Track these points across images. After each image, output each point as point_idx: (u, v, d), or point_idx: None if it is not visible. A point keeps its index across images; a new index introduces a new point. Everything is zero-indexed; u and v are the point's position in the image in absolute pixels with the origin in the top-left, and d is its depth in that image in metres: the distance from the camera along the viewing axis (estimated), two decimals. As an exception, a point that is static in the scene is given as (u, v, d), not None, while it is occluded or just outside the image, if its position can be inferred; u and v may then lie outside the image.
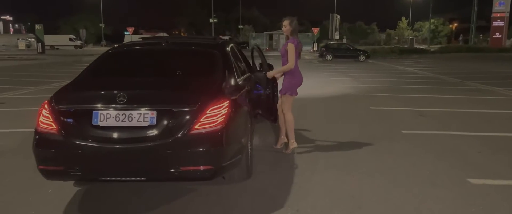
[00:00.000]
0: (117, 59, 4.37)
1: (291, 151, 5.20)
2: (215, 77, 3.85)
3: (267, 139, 5.92)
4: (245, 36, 70.39)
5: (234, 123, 3.56)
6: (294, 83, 5.17)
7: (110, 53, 4.39)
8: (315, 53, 37.60)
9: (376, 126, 6.97)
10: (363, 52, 30.63)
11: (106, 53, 4.41)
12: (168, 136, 3.24)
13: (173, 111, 3.27)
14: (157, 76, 3.94)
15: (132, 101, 3.30)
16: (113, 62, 4.30)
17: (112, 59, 4.33)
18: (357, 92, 11.55)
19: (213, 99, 3.38)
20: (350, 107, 9.07)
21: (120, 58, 4.40)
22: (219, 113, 3.36)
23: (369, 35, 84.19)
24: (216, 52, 4.24)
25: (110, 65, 4.24)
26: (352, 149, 5.43)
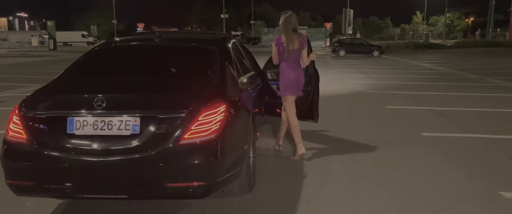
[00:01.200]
0: (103, 57, 3.92)
1: (299, 158, 4.73)
2: (212, 77, 3.39)
3: (272, 142, 5.45)
4: (257, 31, 69.79)
5: (232, 130, 3.11)
6: (286, 84, 4.71)
7: (96, 50, 3.95)
8: (328, 48, 36.91)
9: (393, 127, 6.44)
10: (377, 48, 29.85)
11: (92, 50, 3.97)
12: (153, 147, 2.79)
13: (159, 117, 2.82)
14: (145, 76, 3.48)
15: (111, 107, 2.86)
16: (97, 60, 3.86)
17: (97, 57, 3.89)
18: (371, 89, 11.00)
19: (207, 103, 2.92)
20: (364, 106, 8.54)
21: (106, 56, 3.95)
22: (214, 119, 2.90)
23: (383, 30, 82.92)
24: (214, 49, 3.77)
25: (94, 64, 3.80)
26: (368, 156, 4.92)
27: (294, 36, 4.59)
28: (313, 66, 5.18)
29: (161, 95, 3.03)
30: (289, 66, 4.68)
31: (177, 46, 4.02)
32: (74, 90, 3.23)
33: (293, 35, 4.59)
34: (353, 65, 20.16)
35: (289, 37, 4.57)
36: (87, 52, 3.92)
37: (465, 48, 37.49)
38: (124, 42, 4.18)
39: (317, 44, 51.21)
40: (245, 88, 3.93)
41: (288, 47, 4.58)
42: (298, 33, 4.67)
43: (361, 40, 33.24)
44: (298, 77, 4.70)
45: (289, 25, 4.60)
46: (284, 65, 4.69)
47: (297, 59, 4.70)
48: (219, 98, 3.05)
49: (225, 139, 2.97)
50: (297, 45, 4.60)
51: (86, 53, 3.89)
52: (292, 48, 4.59)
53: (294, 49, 4.60)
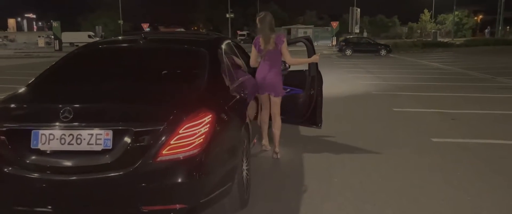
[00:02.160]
0: (80, 61, 3.57)
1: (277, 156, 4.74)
2: (199, 83, 3.04)
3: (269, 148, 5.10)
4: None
5: (220, 143, 2.77)
6: (258, 83, 4.60)
7: (75, 54, 3.62)
8: (334, 47, 36.42)
9: (401, 132, 6.06)
10: (384, 47, 29.33)
11: (71, 53, 3.64)
12: (127, 164, 2.46)
13: (134, 130, 2.48)
14: (123, 83, 3.14)
15: (79, 118, 2.52)
16: (74, 65, 3.52)
17: (74, 62, 3.54)
18: (378, 90, 10.59)
19: (189, 113, 2.58)
20: (370, 108, 8.15)
21: (85, 60, 3.60)
22: (197, 131, 2.56)
23: (390, 28, 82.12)
24: (203, 51, 3.43)
25: (69, 69, 3.46)
26: (374, 165, 4.55)
27: (270, 36, 4.46)
28: (316, 68, 4.84)
29: (137, 105, 2.68)
30: (263, 66, 4.58)
31: (162, 48, 3.67)
32: (42, 100, 2.89)
33: (269, 35, 4.46)
34: (359, 65, 19.73)
35: (265, 37, 4.48)
36: (65, 56, 3.58)
37: (475, 47, 36.83)
38: (106, 44, 3.84)
39: (323, 43, 50.77)
40: (239, 94, 3.58)
41: (265, 47, 4.49)
42: (275, 33, 4.52)
43: (368, 39, 32.74)
44: (266, 77, 4.54)
45: (265, 25, 4.50)
46: (261, 64, 4.60)
47: (273, 59, 4.55)
48: (205, 107, 2.70)
49: (211, 153, 2.63)
50: (273, 45, 4.46)
51: (63, 57, 3.56)
52: (268, 48, 4.49)
53: (271, 49, 4.48)
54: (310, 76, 4.84)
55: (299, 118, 5.03)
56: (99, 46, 3.81)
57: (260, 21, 4.53)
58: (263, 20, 4.51)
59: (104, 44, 3.83)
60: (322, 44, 50.64)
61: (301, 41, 5.03)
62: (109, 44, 3.84)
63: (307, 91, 4.86)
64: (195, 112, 2.61)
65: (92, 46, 3.78)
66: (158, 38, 4.07)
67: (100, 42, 3.93)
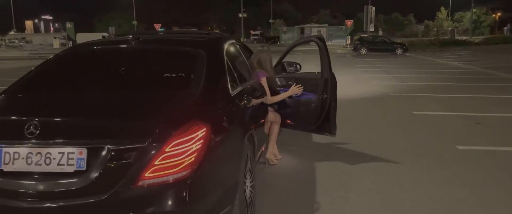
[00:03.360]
0: (62, 66, 3.19)
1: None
2: (193, 90, 2.64)
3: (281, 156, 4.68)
4: (276, 30, 68.85)
5: (217, 161, 2.38)
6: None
7: (59, 57, 3.25)
8: (349, 47, 35.75)
9: (422, 139, 5.57)
10: (400, 45, 28.61)
11: (55, 56, 3.27)
12: (104, 189, 2.07)
13: (111, 149, 2.09)
14: (105, 91, 2.75)
15: (48, 134, 2.15)
16: (54, 70, 3.13)
17: (55, 67, 3.17)
18: (395, 91, 10.08)
19: (178, 127, 2.18)
20: (388, 111, 7.67)
21: (67, 64, 3.22)
22: (188, 148, 2.16)
23: (406, 27, 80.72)
24: (201, 53, 3.02)
25: (48, 75, 3.07)
26: (395, 177, 4.10)
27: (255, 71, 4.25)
28: (329, 69, 4.41)
29: (116, 118, 2.29)
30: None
31: (155, 50, 3.27)
32: (6, 112, 2.52)
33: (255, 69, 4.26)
34: (375, 65, 19.14)
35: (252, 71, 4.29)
36: (47, 60, 3.22)
37: (494, 45, 35.81)
38: (94, 46, 3.46)
39: (338, 42, 50.09)
40: (243, 100, 3.18)
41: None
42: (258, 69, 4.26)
43: (384, 38, 32.04)
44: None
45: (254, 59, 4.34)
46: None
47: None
48: (199, 120, 2.30)
49: (205, 174, 2.23)
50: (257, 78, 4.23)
51: (45, 61, 3.20)
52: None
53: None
54: (323, 79, 4.40)
55: (311, 124, 4.60)
56: (85, 49, 3.43)
57: (253, 55, 4.45)
58: (255, 55, 4.41)
59: (91, 46, 3.46)
60: (336, 43, 49.96)
61: (313, 41, 4.60)
62: (97, 46, 3.46)
63: (320, 96, 4.43)
64: (185, 125, 2.21)
65: (78, 49, 3.41)
66: (151, 38, 3.66)
67: (88, 44, 3.55)
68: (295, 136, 5.36)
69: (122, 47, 3.34)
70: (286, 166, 4.47)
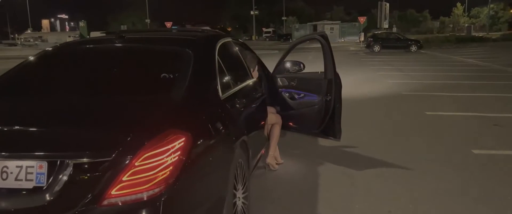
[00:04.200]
0: (35, 68, 2.95)
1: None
2: (175, 93, 2.39)
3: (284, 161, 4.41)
4: (289, 28, 68.37)
5: (199, 174, 2.13)
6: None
7: (36, 57, 3.01)
8: (362, 44, 35.19)
9: (436, 142, 5.24)
10: (414, 42, 28.00)
11: (36, 56, 3.04)
12: (64, 209, 1.83)
13: (73, 163, 1.85)
14: (75, 96, 2.49)
15: (4, 146, 1.91)
16: (25, 73, 2.88)
17: (28, 69, 2.92)
18: (408, 91, 9.70)
19: (150, 138, 1.92)
20: (399, 111, 7.32)
21: (41, 66, 2.97)
22: (162, 162, 1.91)
23: (421, 23, 79.55)
24: (187, 53, 2.76)
25: (17, 78, 2.82)
26: (405, 185, 3.79)
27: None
28: (333, 69, 4.12)
29: (82, 128, 2.04)
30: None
31: (138, 50, 3.00)
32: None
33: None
34: (388, 62, 18.69)
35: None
36: (23, 61, 2.98)
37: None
38: (74, 46, 3.22)
39: (351, 39, 49.48)
40: (235, 104, 2.92)
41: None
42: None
43: (398, 34, 31.41)
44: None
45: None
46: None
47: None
48: (177, 128, 2.04)
49: (183, 190, 1.97)
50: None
51: (22, 62, 2.96)
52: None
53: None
54: (326, 80, 4.12)
55: (314, 128, 4.32)
56: (64, 49, 3.19)
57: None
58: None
59: (71, 46, 3.22)
60: (349, 40, 49.42)
61: (315, 39, 4.31)
62: (77, 46, 3.23)
63: (323, 98, 4.14)
64: (160, 135, 1.95)
65: (56, 49, 3.16)
66: (137, 37, 3.40)
67: (69, 43, 3.32)
68: (299, 139, 5.08)
69: (103, 47, 3.10)
70: (287, 172, 4.20)
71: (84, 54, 3.05)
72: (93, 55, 3.01)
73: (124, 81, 2.63)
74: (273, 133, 4.14)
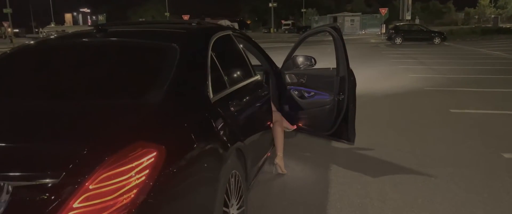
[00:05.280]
0: (6, 67, 2.63)
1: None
2: (152, 97, 2.03)
3: (292, 164, 4.03)
4: (308, 20, 67.43)
5: (175, 195, 1.79)
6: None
7: (8, 55, 2.70)
8: (383, 36, 34.29)
9: (461, 144, 4.77)
10: (438, 34, 27.03)
11: (4, 54, 2.73)
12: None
13: (12, 186, 1.52)
14: (30, 102, 2.13)
15: None
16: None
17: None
18: (431, 86, 9.15)
19: (110, 153, 1.57)
20: (421, 109, 6.83)
21: (9, 65, 2.65)
22: (125, 183, 1.56)
23: (444, 15, 77.45)
24: (173, 48, 2.41)
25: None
26: (423, 193, 3.38)
27: None
28: (346, 65, 3.71)
29: (26, 142, 1.70)
30: None
31: (117, 45, 2.64)
32: None
33: None
34: (410, 55, 17.99)
35: None
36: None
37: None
38: (47, 42, 2.89)
39: (372, 31, 48.40)
40: (229, 106, 2.56)
41: None
42: None
43: (420, 26, 30.45)
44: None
45: None
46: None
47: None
48: (147, 140, 1.70)
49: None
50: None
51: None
52: None
53: None
54: (339, 77, 3.72)
55: (325, 129, 3.93)
56: (36, 46, 2.84)
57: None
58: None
59: (44, 42, 2.89)
60: (370, 33, 48.34)
61: (327, 31, 3.90)
62: (50, 42, 2.89)
63: (336, 97, 3.75)
64: (123, 149, 1.61)
65: (26, 47, 2.82)
66: (120, 30, 3.03)
67: (45, 39, 2.99)
68: (310, 139, 4.69)
69: (77, 43, 2.77)
70: (295, 178, 3.82)
71: (54, 52, 2.70)
72: (63, 53, 2.66)
73: (93, 81, 2.28)
74: (276, 132, 3.77)
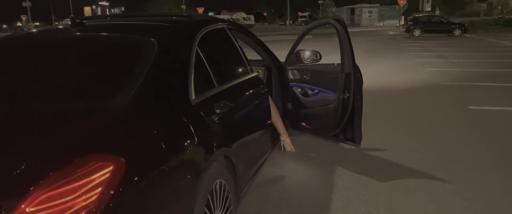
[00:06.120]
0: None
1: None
2: (117, 100, 1.80)
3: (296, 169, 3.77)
4: (326, 12, 66.52)
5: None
6: None
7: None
8: (401, 28, 33.48)
9: (479, 144, 4.43)
10: (459, 26, 26.18)
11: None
12: None
13: None
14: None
15: None
16: None
17: None
18: (449, 80, 8.73)
19: (56, 167, 1.35)
20: (438, 105, 6.46)
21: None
22: (71, 204, 1.33)
23: (466, 6, 75.41)
24: (150, 43, 2.16)
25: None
26: (437, 201, 3.08)
27: None
28: (351, 61, 3.42)
29: None
30: None
31: (88, 41, 2.38)
32: None
33: None
34: (428, 47, 17.41)
35: None
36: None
37: None
38: (23, 38, 2.67)
39: (390, 23, 47.45)
40: (215, 108, 2.31)
41: None
42: None
43: (440, 18, 29.57)
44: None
45: None
46: None
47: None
48: (103, 151, 1.47)
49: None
50: None
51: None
52: None
53: None
54: (344, 74, 3.42)
55: (330, 129, 3.65)
56: (10, 42, 2.62)
57: None
58: None
59: (16, 38, 2.68)
60: (388, 24, 47.39)
61: (330, 24, 3.60)
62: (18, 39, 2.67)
63: (340, 95, 3.46)
64: (71, 163, 1.37)
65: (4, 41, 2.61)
66: (96, 24, 2.77)
67: (20, 35, 2.77)
68: (315, 139, 4.41)
69: (44, 39, 2.54)
70: (297, 182, 3.56)
71: (14, 50, 2.46)
72: (23, 51, 2.42)
73: (50, 82, 2.05)
74: (273, 118, 3.56)
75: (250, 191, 3.14)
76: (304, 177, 3.68)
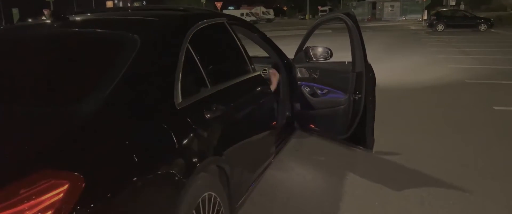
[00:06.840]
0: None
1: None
2: (87, 103, 1.59)
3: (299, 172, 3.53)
4: (346, 6, 65.54)
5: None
6: None
7: None
8: (424, 22, 32.60)
9: (505, 150, 4.09)
10: (484, 20, 25.27)
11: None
12: None
13: None
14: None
15: None
16: None
17: None
18: (473, 78, 8.30)
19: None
20: (459, 105, 6.09)
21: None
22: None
23: (492, 0, 73.24)
24: (132, 40, 1.95)
25: None
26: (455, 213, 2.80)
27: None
28: (363, 59, 3.14)
29: None
30: None
31: (63, 37, 2.17)
32: None
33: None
34: (452, 43, 16.80)
35: None
36: None
37: None
38: (8, 33, 2.49)
39: (413, 17, 46.38)
40: (205, 113, 2.08)
41: None
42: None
43: (465, 12, 28.63)
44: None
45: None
46: None
47: None
48: (59, 166, 1.26)
49: None
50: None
51: None
52: None
53: None
54: (355, 73, 3.15)
55: (340, 133, 3.39)
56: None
57: None
58: None
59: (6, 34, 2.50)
60: (411, 19, 46.33)
61: (340, 18, 3.33)
62: (14, 32, 2.49)
63: (351, 96, 3.19)
64: (13, 183, 1.17)
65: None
66: (79, 19, 2.57)
67: (6, 28, 2.60)
68: (325, 141, 4.16)
69: (17, 35, 2.35)
70: (304, 188, 3.31)
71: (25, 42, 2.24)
72: (15, 47, 2.21)
73: (14, 84, 1.85)
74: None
75: (251, 199, 2.92)
76: (311, 184, 3.43)
